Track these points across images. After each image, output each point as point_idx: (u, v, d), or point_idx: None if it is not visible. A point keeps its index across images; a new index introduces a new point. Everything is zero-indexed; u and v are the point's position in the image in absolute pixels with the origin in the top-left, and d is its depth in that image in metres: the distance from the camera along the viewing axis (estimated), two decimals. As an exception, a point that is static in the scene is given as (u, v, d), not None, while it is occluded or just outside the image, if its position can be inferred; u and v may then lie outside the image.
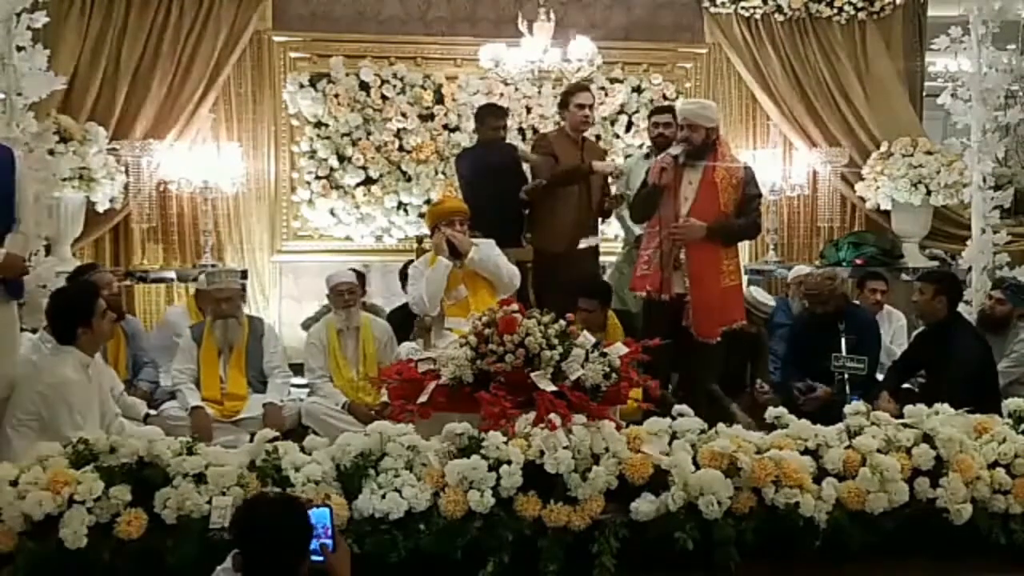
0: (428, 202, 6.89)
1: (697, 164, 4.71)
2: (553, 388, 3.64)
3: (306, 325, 6.20)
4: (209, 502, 3.18)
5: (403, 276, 5.69)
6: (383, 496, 3.27)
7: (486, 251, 4.83)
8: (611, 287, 5.52)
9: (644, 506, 3.35)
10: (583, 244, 5.65)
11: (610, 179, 5.74)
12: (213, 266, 6.59)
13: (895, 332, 5.88)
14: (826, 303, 5.20)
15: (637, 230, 5.45)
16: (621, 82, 7.42)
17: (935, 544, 3.54)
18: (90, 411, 3.86)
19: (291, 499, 2.75)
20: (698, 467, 3.43)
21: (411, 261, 5.79)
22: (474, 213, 5.02)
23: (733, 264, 4.83)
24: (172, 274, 6.61)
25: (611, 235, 6.81)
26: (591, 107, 5.67)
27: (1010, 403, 4.03)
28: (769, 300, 5.49)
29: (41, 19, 5.03)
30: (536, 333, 3.78)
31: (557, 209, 5.58)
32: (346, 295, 5.31)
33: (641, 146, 7.01)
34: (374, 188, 7.15)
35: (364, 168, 7.12)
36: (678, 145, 4.75)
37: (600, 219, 5.93)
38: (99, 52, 6.60)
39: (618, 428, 3.56)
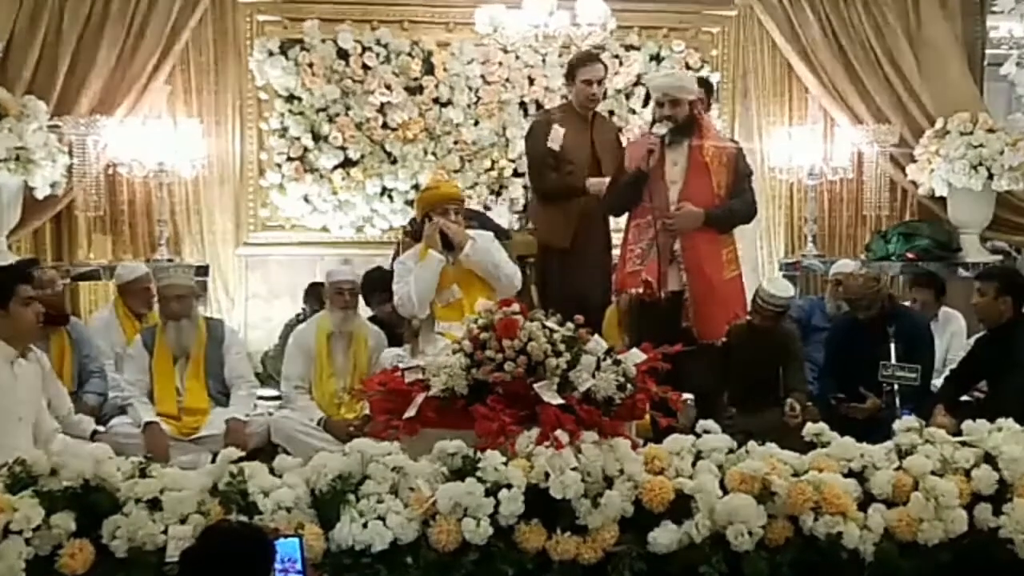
0: (416, 187, 6.90)
1: (682, 143, 4.77)
2: (559, 401, 3.65)
3: (283, 335, 6.16)
4: (165, 532, 3.18)
5: (367, 286, 5.74)
6: (364, 525, 3.27)
7: (483, 245, 4.81)
8: None
9: (664, 536, 3.35)
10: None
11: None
12: (169, 260, 6.60)
13: (951, 337, 5.87)
14: (869, 308, 5.21)
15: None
16: (638, 49, 7.42)
17: (997, 580, 3.55)
18: (15, 418, 3.84)
19: (252, 528, 2.75)
20: (726, 492, 3.44)
21: (376, 269, 5.83)
22: None
23: (732, 253, 4.93)
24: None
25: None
26: (600, 81, 5.64)
27: (1084, 418, 4.03)
28: (784, 292, 5.16)
29: (-29, -22, 5.04)
30: (540, 338, 3.78)
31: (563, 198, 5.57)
32: (347, 295, 5.33)
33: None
34: (354, 171, 7.16)
35: (343, 148, 7.12)
36: (662, 124, 4.80)
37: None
38: (38, 16, 6.59)
39: (634, 447, 3.57)
